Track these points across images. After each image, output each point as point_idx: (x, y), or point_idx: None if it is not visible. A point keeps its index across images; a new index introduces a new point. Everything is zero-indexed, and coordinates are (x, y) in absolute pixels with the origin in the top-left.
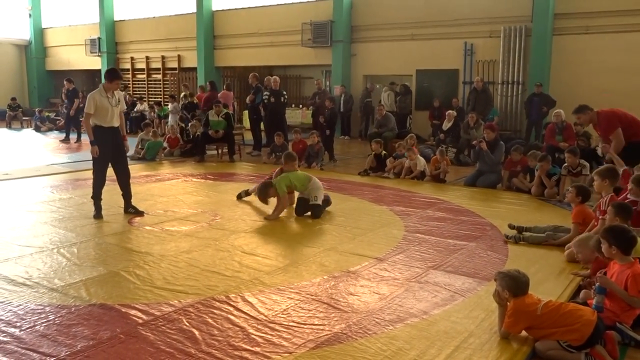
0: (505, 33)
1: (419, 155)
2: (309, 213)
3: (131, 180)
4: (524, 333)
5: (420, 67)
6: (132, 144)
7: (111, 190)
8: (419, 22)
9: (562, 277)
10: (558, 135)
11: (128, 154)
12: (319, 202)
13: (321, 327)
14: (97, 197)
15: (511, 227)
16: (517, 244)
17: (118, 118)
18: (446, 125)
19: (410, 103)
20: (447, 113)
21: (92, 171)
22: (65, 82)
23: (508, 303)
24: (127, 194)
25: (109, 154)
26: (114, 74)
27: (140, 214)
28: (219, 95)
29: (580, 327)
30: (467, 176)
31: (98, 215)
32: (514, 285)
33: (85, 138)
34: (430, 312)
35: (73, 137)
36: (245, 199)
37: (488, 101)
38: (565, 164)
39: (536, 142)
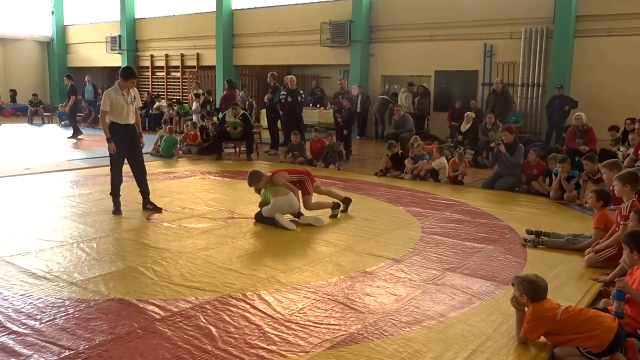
0: (526, 34)
1: (443, 158)
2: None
3: (149, 177)
4: (542, 338)
5: (439, 68)
6: (150, 141)
7: (130, 187)
8: (438, 23)
9: (581, 283)
10: (578, 139)
11: (145, 151)
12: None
13: (337, 327)
14: (115, 193)
15: (529, 232)
16: (536, 247)
17: (134, 115)
18: (464, 127)
19: (429, 104)
20: (465, 115)
21: (109, 168)
22: (65, 79)
23: (526, 308)
24: (144, 190)
25: (125, 151)
26: (129, 72)
27: (158, 210)
28: (222, 95)
29: (601, 333)
30: (485, 178)
31: (117, 211)
32: (532, 290)
33: (94, 134)
34: (447, 315)
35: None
36: None
37: (507, 103)
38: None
39: (556, 145)
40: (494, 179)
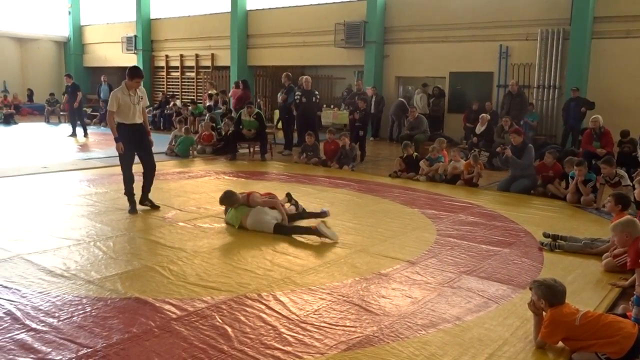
0: (542, 36)
1: (462, 160)
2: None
3: (165, 177)
4: (560, 344)
5: (454, 69)
6: (165, 140)
7: None
8: (453, 24)
9: (599, 288)
10: (595, 142)
11: (160, 151)
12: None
13: (353, 329)
14: (129, 193)
15: (546, 235)
16: (553, 251)
17: (141, 115)
18: (479, 129)
19: (443, 106)
20: (480, 116)
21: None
22: (65, 78)
23: (544, 312)
24: (146, 187)
25: (134, 150)
26: (134, 72)
27: (155, 207)
28: (229, 94)
29: (620, 339)
30: (500, 181)
31: (133, 210)
32: (550, 295)
33: (102, 132)
34: (463, 318)
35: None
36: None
37: (523, 105)
38: (602, 174)
39: (572, 148)
40: (509, 182)
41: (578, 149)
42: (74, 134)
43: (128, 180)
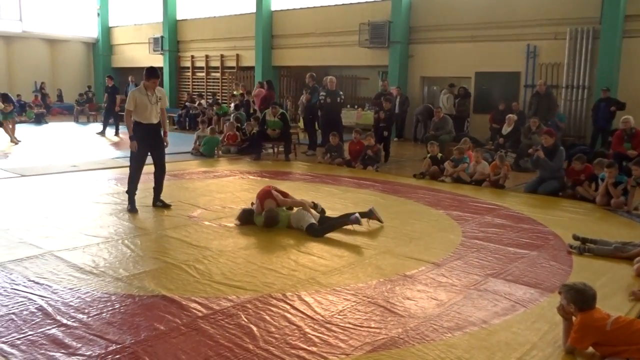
0: (571, 35)
1: (484, 161)
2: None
3: (190, 176)
4: (590, 349)
5: (480, 69)
6: (190, 140)
7: (171, 185)
8: (479, 23)
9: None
10: (626, 143)
11: (187, 151)
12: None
13: (378, 330)
14: (131, 191)
15: (575, 237)
16: (582, 255)
17: (158, 115)
18: (506, 129)
19: (469, 106)
20: (507, 117)
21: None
22: (106, 79)
23: (573, 317)
24: (158, 189)
25: (147, 150)
26: (151, 72)
27: (167, 207)
28: (253, 94)
29: None
30: (527, 182)
31: (132, 209)
32: (580, 299)
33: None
34: (490, 322)
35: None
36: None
37: (551, 105)
38: (634, 176)
39: (602, 149)
40: (537, 183)
41: (608, 150)
42: (103, 133)
43: (133, 179)
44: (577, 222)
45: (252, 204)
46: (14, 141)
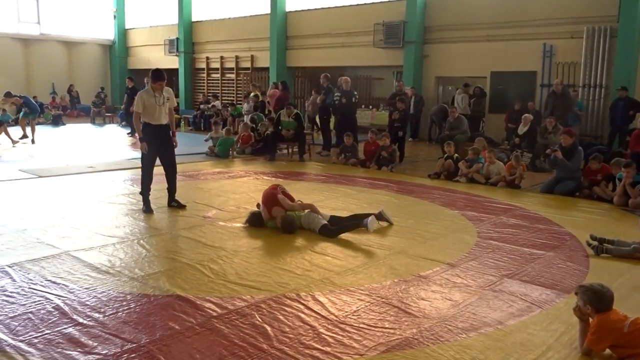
0: (588, 34)
1: (498, 162)
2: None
3: (205, 176)
4: (607, 351)
5: (495, 68)
6: (193, 141)
7: (186, 186)
8: (495, 23)
9: None
10: None
11: (201, 152)
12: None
13: (392, 331)
14: (145, 192)
15: (593, 238)
16: (599, 256)
17: (166, 116)
18: (522, 129)
19: (484, 106)
20: (523, 117)
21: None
22: (127, 80)
23: (590, 319)
24: (172, 188)
25: (157, 151)
26: (157, 75)
27: (182, 207)
28: (268, 94)
29: None
30: (543, 182)
31: (148, 209)
32: (597, 300)
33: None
34: (505, 323)
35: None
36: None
37: (568, 105)
38: None
39: (619, 149)
40: (553, 183)
41: (625, 150)
42: (132, 134)
43: (146, 180)
44: (594, 222)
45: (258, 205)
46: (24, 138)
